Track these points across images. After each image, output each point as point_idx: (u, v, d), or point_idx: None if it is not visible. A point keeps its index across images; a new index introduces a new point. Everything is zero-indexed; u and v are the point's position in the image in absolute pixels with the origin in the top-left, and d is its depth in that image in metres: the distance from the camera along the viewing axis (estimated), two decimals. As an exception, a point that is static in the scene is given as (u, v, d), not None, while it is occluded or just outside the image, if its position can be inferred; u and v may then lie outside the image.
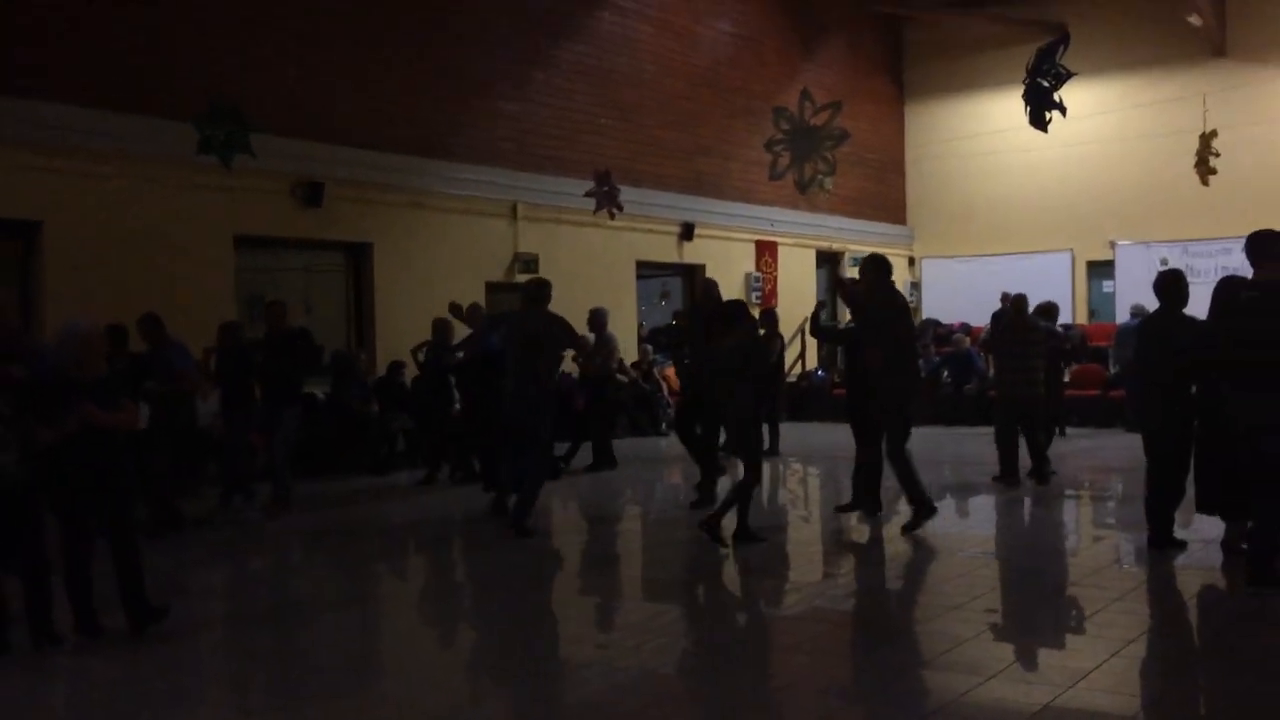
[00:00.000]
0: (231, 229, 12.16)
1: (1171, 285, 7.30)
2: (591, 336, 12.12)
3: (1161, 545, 7.11)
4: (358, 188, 13.22)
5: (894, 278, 8.65)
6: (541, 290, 8.69)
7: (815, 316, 10.28)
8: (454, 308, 10.65)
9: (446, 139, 14.36)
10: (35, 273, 10.81)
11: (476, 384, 10.18)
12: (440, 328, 11.51)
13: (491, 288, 14.73)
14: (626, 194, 15.51)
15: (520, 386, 8.44)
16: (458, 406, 11.44)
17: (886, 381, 8.21)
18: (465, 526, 9.37)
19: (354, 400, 12.23)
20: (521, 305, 8.99)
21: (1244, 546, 6.53)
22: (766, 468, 12.57)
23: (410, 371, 12.43)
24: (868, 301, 8.51)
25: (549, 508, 9.77)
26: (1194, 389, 6.88)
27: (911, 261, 22.58)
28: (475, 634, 6.20)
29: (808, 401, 17.93)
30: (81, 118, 10.82)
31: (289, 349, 9.73)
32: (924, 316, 20.76)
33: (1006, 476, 10.47)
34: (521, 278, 15.09)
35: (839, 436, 10.20)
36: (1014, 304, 10.83)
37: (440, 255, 14.06)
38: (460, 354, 10.90)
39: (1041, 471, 10.54)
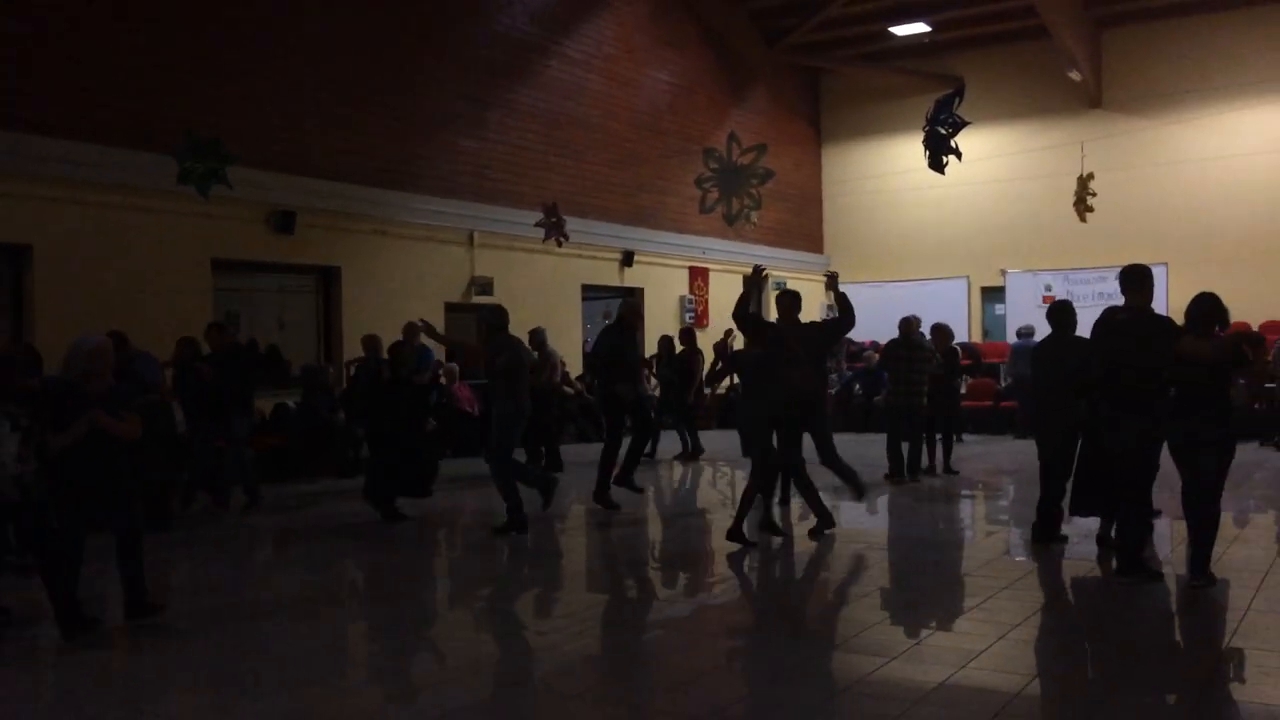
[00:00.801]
0: (209, 253, 11.97)
1: (1061, 313, 7.58)
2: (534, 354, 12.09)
3: (1043, 539, 7.27)
4: (327, 216, 13.08)
5: (822, 298, 8.82)
6: (502, 319, 8.62)
7: (745, 300, 8.88)
8: (410, 327, 10.58)
9: (409, 172, 14.26)
10: (26, 293, 10.56)
11: (377, 402, 9.60)
12: (370, 344, 11.37)
13: (450, 308, 14.65)
14: (573, 224, 15.49)
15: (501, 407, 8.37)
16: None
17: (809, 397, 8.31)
18: (403, 525, 9.25)
19: (322, 410, 12.06)
20: (485, 334, 8.90)
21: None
22: (692, 467, 12.65)
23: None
24: (788, 331, 8.63)
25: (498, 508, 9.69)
26: (1082, 404, 7.04)
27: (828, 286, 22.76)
28: (416, 626, 6.11)
29: (734, 409, 17.94)
30: (71, 150, 10.61)
31: (233, 364, 9.61)
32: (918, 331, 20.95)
33: (894, 475, 10.85)
34: (478, 299, 15.09)
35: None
36: (903, 325, 11.16)
37: (403, 278, 13.95)
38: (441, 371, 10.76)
39: (913, 469, 11.06)
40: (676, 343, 14.06)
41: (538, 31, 16.29)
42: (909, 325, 11.13)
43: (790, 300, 8.80)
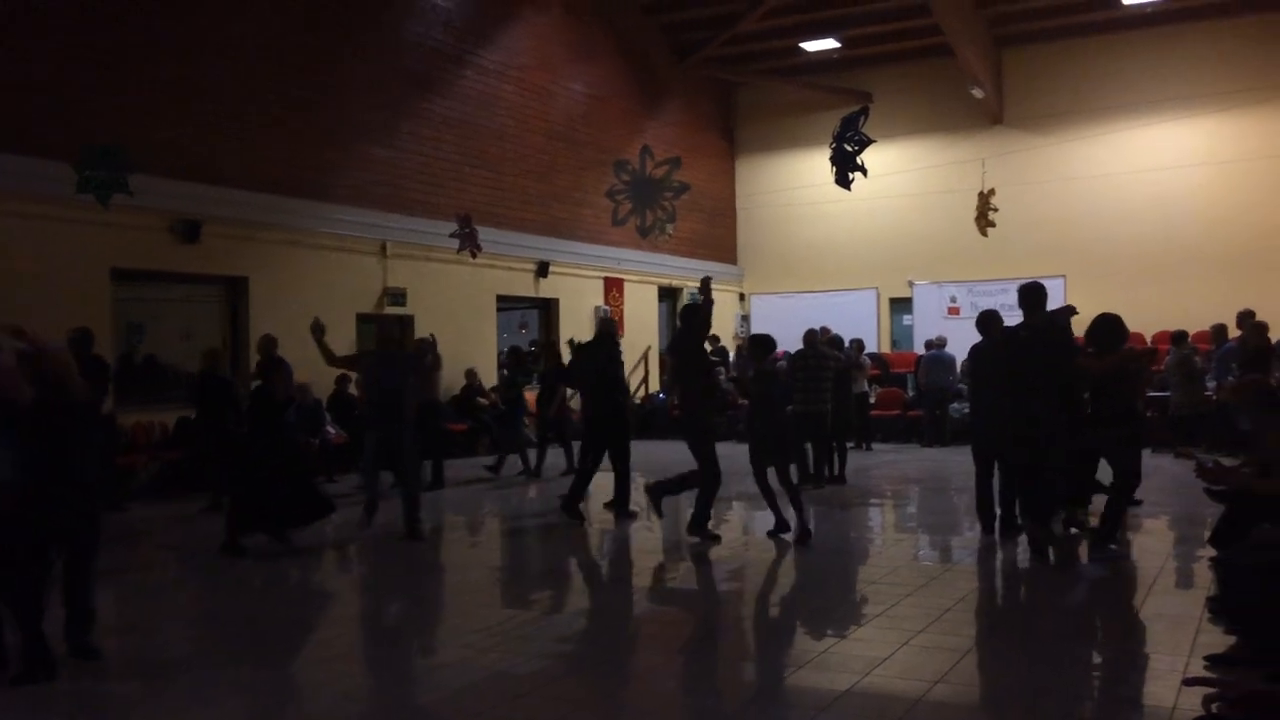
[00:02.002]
0: (109, 263, 11.60)
1: (987, 322, 8.17)
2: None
3: (995, 531, 7.91)
4: (235, 225, 12.77)
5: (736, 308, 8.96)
6: (393, 331, 8.68)
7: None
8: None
9: (320, 181, 14.01)
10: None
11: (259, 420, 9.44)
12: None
13: (362, 319, 14.43)
14: (488, 235, 15.40)
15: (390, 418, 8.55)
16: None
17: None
18: (333, 535, 9.10)
19: (229, 423, 11.74)
20: (379, 346, 8.98)
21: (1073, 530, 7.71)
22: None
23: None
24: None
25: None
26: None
27: (742, 297, 23.02)
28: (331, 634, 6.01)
29: (650, 421, 18.05)
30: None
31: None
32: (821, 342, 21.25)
33: (802, 480, 10.92)
34: (391, 309, 14.90)
35: (676, 454, 10.25)
36: (807, 337, 11.53)
37: (314, 289, 13.68)
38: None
39: (817, 476, 11.40)
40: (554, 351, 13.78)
41: (452, 41, 16.17)
42: (812, 336, 11.54)
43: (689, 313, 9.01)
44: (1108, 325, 7.16)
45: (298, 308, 13.26)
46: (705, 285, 8.63)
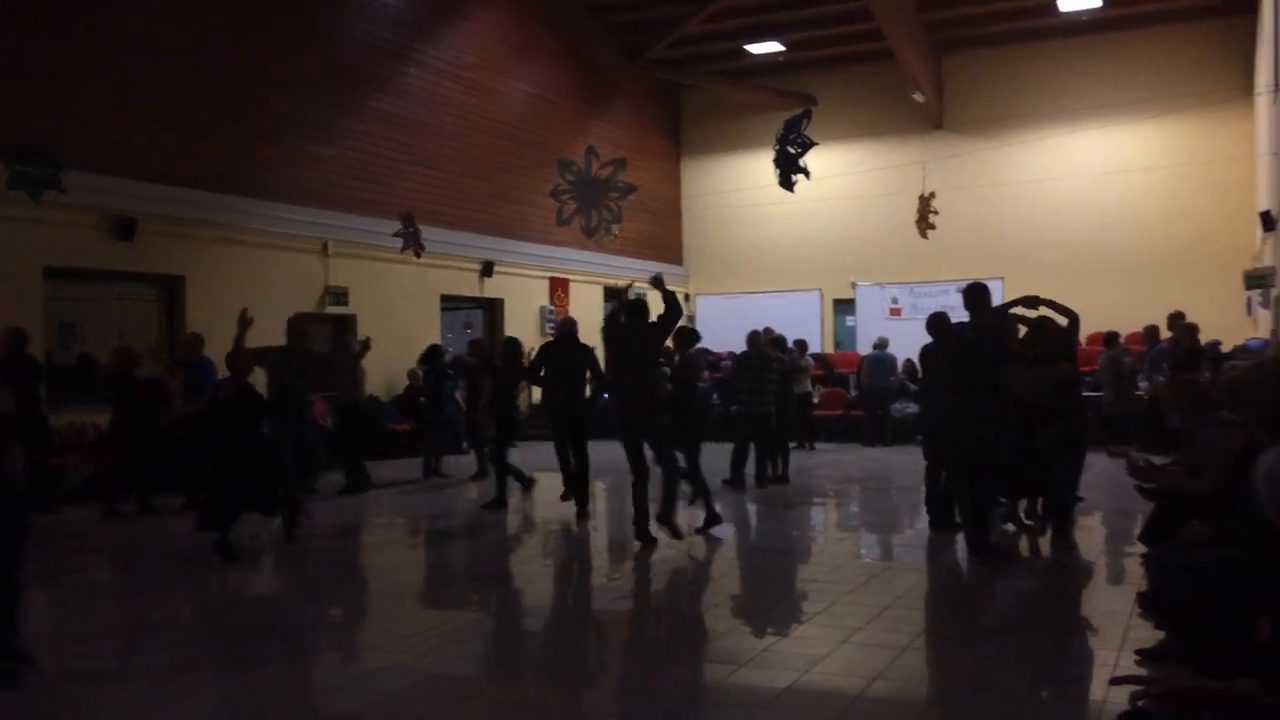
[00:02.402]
0: (42, 261, 11.30)
1: (938, 324, 8.28)
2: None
3: (942, 528, 7.95)
4: (171, 223, 12.50)
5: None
6: (302, 328, 8.65)
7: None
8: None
9: (259, 179, 13.78)
10: None
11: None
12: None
13: (304, 318, 14.20)
14: (432, 234, 15.27)
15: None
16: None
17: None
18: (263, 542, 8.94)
19: (164, 424, 11.50)
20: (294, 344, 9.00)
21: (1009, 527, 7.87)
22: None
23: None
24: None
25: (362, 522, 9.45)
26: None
27: (687, 297, 23.06)
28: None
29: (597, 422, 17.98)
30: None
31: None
32: (698, 347, 21.24)
33: (734, 482, 11.08)
34: (332, 309, 14.69)
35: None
36: (750, 339, 11.57)
37: (253, 287, 13.37)
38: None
39: (760, 476, 11.39)
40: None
41: (396, 38, 16.00)
42: (755, 338, 11.58)
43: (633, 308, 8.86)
44: (1044, 333, 7.37)
45: (236, 307, 13.01)
46: (659, 281, 8.43)
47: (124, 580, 7.77)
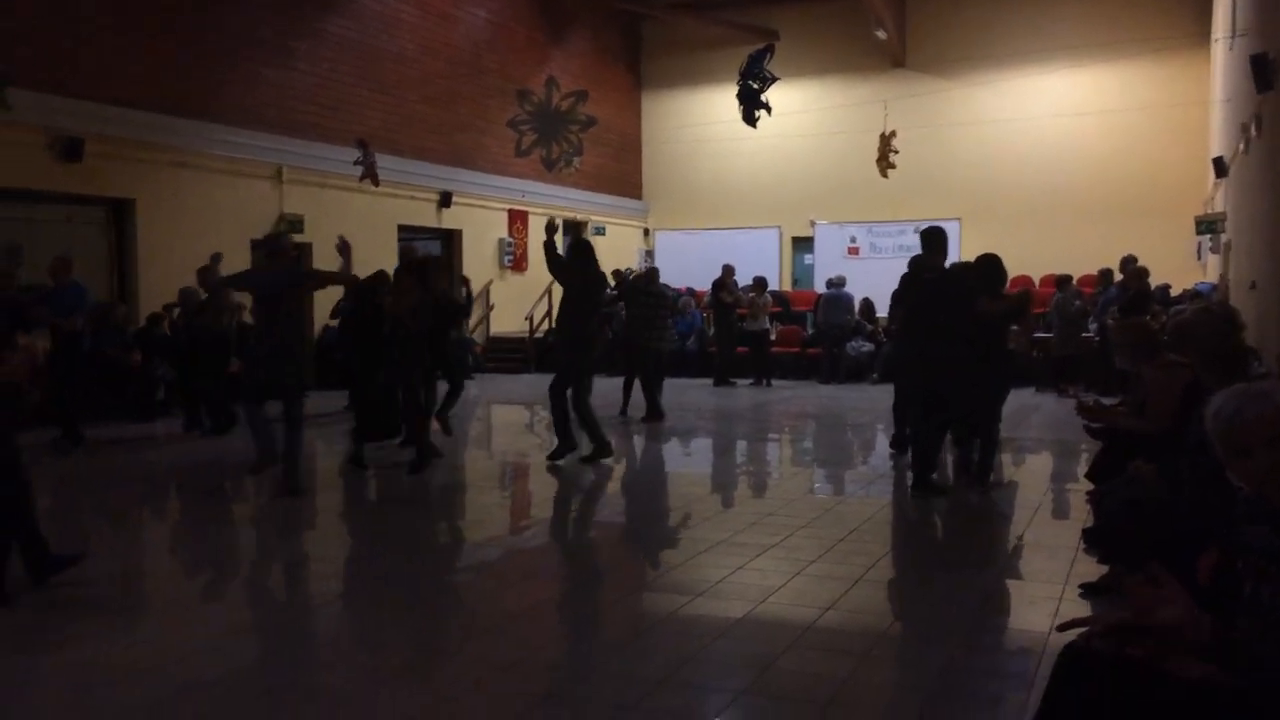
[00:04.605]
0: (-17, 181, 10.99)
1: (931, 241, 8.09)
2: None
3: (926, 491, 7.34)
4: (120, 145, 12.18)
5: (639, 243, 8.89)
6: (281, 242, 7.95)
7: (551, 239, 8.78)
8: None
9: (210, 102, 13.43)
10: None
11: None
12: (187, 295, 11.07)
13: (256, 246, 13.95)
14: (389, 163, 15.05)
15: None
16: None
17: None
18: (226, 472, 8.89)
19: (110, 348, 11.32)
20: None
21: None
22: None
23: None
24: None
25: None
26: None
27: (646, 232, 22.99)
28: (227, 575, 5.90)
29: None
30: None
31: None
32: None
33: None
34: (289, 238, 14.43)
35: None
36: (648, 274, 12.39)
37: (204, 213, 13.20)
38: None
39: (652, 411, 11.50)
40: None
41: (351, -41, 15.58)
42: (654, 274, 12.45)
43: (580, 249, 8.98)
44: (993, 268, 7.38)
45: (187, 232, 12.82)
46: (550, 228, 8.64)
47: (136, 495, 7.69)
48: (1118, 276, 14.45)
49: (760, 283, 16.32)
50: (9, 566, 4.91)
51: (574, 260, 8.79)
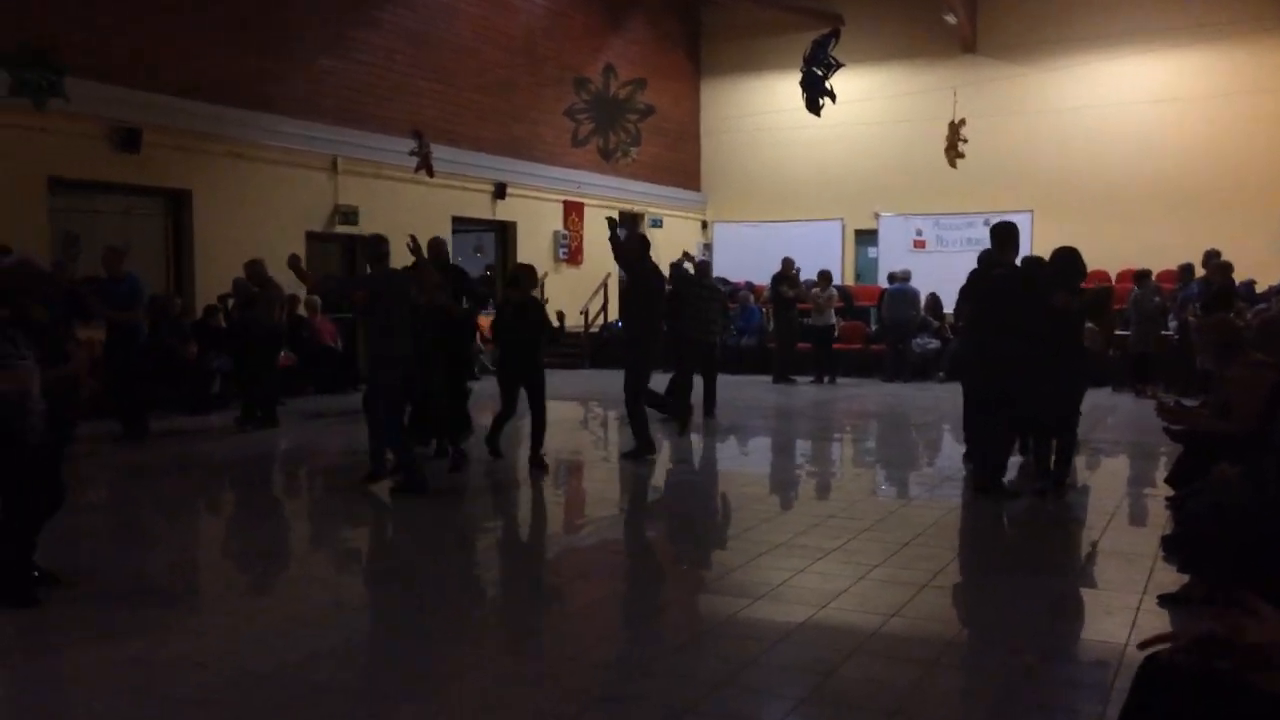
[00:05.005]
0: (46, 171, 11.27)
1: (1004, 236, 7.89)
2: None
3: (994, 492, 7.24)
4: (177, 135, 12.44)
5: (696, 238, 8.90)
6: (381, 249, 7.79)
7: (616, 234, 8.91)
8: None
9: (266, 91, 13.65)
10: None
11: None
12: (240, 287, 11.35)
13: (312, 238, 14.20)
14: (444, 153, 15.18)
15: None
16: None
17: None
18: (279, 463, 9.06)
19: (167, 340, 11.57)
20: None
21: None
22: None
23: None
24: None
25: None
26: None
27: (704, 224, 22.93)
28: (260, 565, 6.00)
29: (607, 350, 18.05)
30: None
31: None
32: (714, 276, 21.17)
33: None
34: (342, 229, 14.64)
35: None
36: (702, 267, 12.14)
37: (260, 205, 13.43)
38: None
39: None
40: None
41: (407, -53, 15.72)
42: (706, 268, 12.25)
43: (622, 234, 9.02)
44: (1070, 262, 7.16)
45: (243, 223, 13.05)
46: (613, 225, 8.74)
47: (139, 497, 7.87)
48: (1200, 272, 14.11)
49: (825, 276, 16.20)
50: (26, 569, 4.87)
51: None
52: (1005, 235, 7.55)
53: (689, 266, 11.47)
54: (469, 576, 5.63)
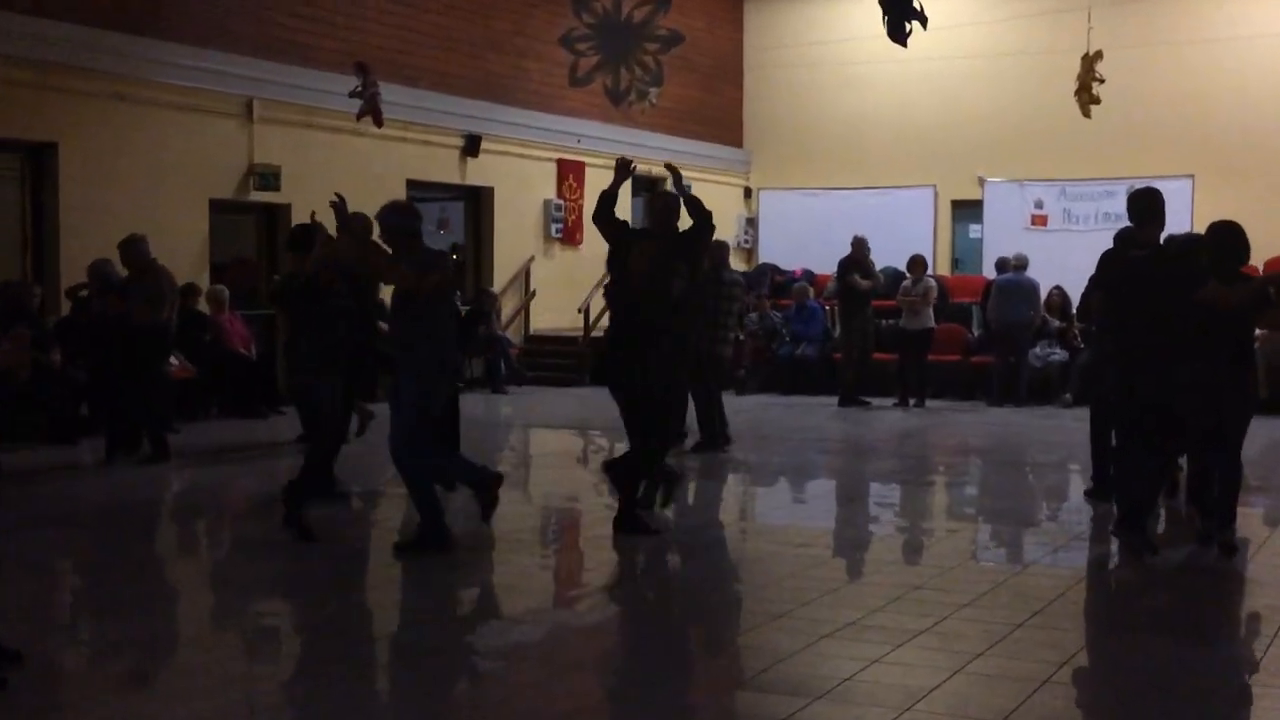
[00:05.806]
0: None
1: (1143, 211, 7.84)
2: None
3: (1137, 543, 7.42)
4: (38, 70, 12.52)
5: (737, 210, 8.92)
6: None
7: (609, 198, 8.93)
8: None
9: (159, 12, 13.74)
10: None
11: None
12: (98, 273, 11.37)
13: (218, 207, 14.26)
14: (398, 95, 15.25)
15: None
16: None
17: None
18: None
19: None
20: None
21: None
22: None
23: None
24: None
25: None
26: None
27: (748, 193, 22.96)
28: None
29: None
30: None
31: None
32: (759, 261, 21.20)
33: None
34: (258, 195, 14.71)
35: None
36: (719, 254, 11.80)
37: (149, 163, 13.50)
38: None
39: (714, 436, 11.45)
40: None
41: None
42: (721, 252, 11.96)
43: (664, 203, 9.01)
44: (1231, 242, 7.20)
45: (126, 189, 13.11)
46: (623, 165, 8.74)
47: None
48: None
49: (919, 262, 16.14)
50: None
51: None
52: (1146, 206, 7.50)
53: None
54: (433, 670, 5.62)
